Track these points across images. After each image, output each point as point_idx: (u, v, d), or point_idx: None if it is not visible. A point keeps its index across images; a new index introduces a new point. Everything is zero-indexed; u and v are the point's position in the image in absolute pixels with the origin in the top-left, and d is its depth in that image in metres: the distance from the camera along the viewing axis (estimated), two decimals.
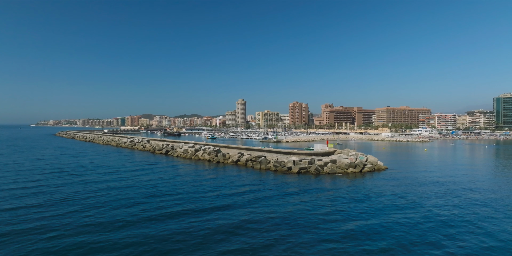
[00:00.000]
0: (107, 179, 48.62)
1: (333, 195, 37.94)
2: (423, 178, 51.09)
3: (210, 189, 40.83)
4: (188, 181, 46.56)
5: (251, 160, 65.29)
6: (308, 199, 35.65)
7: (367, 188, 42.39)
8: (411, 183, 46.65)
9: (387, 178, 50.63)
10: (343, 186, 43.37)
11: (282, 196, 37.08)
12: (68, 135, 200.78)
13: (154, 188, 41.09)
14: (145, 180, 47.61)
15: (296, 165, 56.56)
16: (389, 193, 39.27)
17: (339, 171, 55.07)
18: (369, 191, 39.98)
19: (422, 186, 44.39)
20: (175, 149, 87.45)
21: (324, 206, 32.82)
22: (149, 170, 57.66)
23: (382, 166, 60.58)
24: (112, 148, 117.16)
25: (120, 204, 33.43)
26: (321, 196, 37.20)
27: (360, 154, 64.53)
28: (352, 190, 40.58)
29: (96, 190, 40.21)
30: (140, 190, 39.83)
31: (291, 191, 39.76)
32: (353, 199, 35.94)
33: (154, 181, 46.58)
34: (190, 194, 38.06)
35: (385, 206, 32.82)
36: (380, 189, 41.79)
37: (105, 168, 60.21)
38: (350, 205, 33.00)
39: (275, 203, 34.00)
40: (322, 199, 35.71)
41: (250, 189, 41.12)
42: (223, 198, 36.27)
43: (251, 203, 33.63)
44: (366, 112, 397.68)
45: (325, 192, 39.64)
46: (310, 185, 44.07)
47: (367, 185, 44.59)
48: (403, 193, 38.98)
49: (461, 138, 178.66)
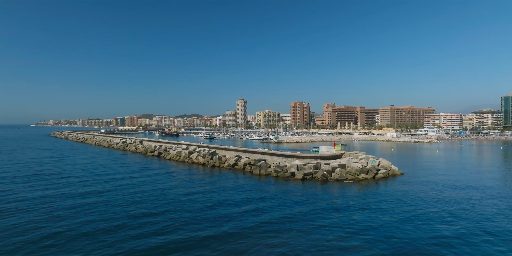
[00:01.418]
0: (81, 191, 40.06)
1: (348, 211, 31.18)
2: (448, 185, 44.37)
3: (201, 206, 33.25)
4: (177, 193, 38.52)
5: (249, 164, 58.61)
6: (317, 217, 28.90)
7: (387, 199, 35.59)
8: (436, 191, 39.93)
9: (406, 186, 43.83)
10: (358, 198, 36.57)
11: (285, 216, 30.27)
12: (62, 136, 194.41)
13: (135, 205, 32.69)
14: (127, 192, 39.08)
15: (300, 170, 49.85)
16: (418, 207, 32.45)
17: (350, 178, 48.31)
18: (391, 204, 33.20)
19: (451, 194, 37.79)
20: (168, 151, 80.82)
21: (338, 227, 26.07)
22: (134, 179, 48.78)
23: (397, 171, 53.80)
24: (103, 149, 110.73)
25: (78, 233, 25.69)
26: (333, 213, 30.45)
27: (371, 157, 57.77)
28: (370, 203, 33.78)
29: (60, 208, 32.07)
30: (116, 208, 31.54)
31: (296, 208, 32.52)
32: (373, 216, 29.19)
33: (137, 194, 38.35)
34: (178, 213, 30.38)
35: (422, 229, 25.99)
36: (404, 200, 35.07)
37: (86, 175, 53.11)
38: (371, 223, 26.28)
39: (277, 229, 26.71)
40: (335, 219, 28.92)
41: (246, 203, 34.31)
42: (216, 222, 28.99)
43: (248, 229, 26.34)
44: (369, 111, 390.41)
45: (336, 205, 32.89)
46: (317, 196, 37.29)
47: (386, 195, 37.76)
48: (435, 206, 32.22)
49: (470, 138, 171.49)
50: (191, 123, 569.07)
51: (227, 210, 30.15)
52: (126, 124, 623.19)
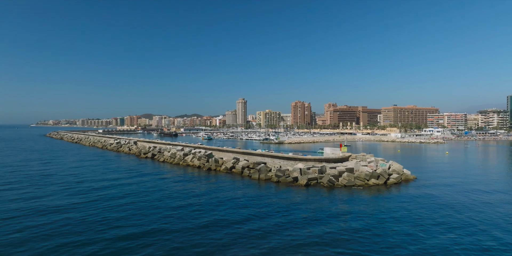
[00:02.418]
0: (57, 203, 33.76)
1: (361, 223, 26.46)
2: (469, 189, 39.76)
3: (191, 225, 28.27)
4: (165, 206, 33.03)
5: (248, 167, 53.92)
6: (332, 240, 24.19)
7: (407, 208, 30.86)
8: (459, 198, 35.34)
9: (422, 192, 39.09)
10: (371, 206, 31.82)
11: (293, 240, 25.56)
12: (58, 136, 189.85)
13: (113, 223, 27.35)
14: (107, 206, 33.08)
15: (304, 175, 45.14)
16: (445, 217, 27.79)
17: (359, 183, 43.58)
18: (411, 215, 28.48)
19: (477, 200, 33.10)
20: (162, 153, 76.15)
21: (350, 249, 21.37)
22: (119, 188, 42.30)
23: (410, 175, 49.05)
24: (97, 150, 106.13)
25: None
26: (352, 234, 25.70)
27: (381, 160, 52.98)
28: (385, 214, 29.04)
29: (22, 228, 27.08)
30: (91, 227, 26.31)
31: (303, 230, 27.43)
32: (395, 230, 24.46)
33: (119, 207, 33.15)
34: (161, 236, 25.55)
35: (459, 243, 21.29)
36: (426, 209, 30.43)
37: (68, 181, 48.07)
38: (394, 240, 21.54)
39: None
40: (355, 244, 24.19)
41: (245, 223, 29.49)
42: (210, 247, 24.69)
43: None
44: (371, 111, 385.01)
45: (346, 217, 28.15)
46: (324, 206, 32.54)
47: (404, 204, 32.97)
48: (466, 215, 27.49)
49: (477, 139, 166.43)
50: (190, 123, 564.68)
51: (221, 232, 24.98)
52: (125, 124, 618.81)
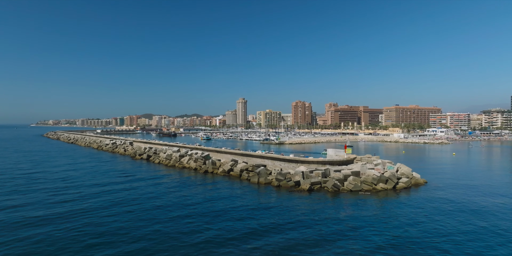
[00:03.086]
0: (37, 214, 30.21)
1: (383, 239, 23.30)
2: (487, 193, 36.49)
3: (183, 243, 25.43)
4: (156, 219, 29.85)
5: (247, 170, 50.82)
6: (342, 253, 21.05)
7: (422, 216, 27.65)
8: (480, 204, 32.15)
9: (436, 198, 35.96)
10: (389, 216, 28.64)
11: None
12: (55, 136, 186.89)
13: (92, 239, 23.74)
14: (90, 218, 29.08)
15: (306, 179, 42.02)
16: (472, 228, 24.59)
17: (366, 188, 40.43)
18: (438, 225, 25.29)
19: (497, 206, 29.94)
20: (158, 154, 73.07)
21: None
22: (108, 196, 37.91)
23: (420, 179, 45.85)
24: (92, 151, 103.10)
25: None
26: (364, 245, 22.56)
27: (388, 163, 49.88)
28: (411, 226, 25.84)
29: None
30: (67, 244, 22.79)
31: (312, 234, 24.69)
32: (428, 246, 21.30)
33: (102, 220, 29.26)
34: (151, 249, 22.81)
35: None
36: (446, 216, 27.21)
37: (55, 187, 44.68)
38: None
39: None
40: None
41: (246, 241, 26.42)
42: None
43: None
44: (373, 111, 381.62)
45: (362, 231, 24.99)
46: (333, 216, 29.38)
47: (418, 211, 29.80)
48: (491, 223, 24.31)
49: (482, 139, 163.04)
50: (190, 123, 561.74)
51: (216, 252, 21.68)
52: (125, 124, 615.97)
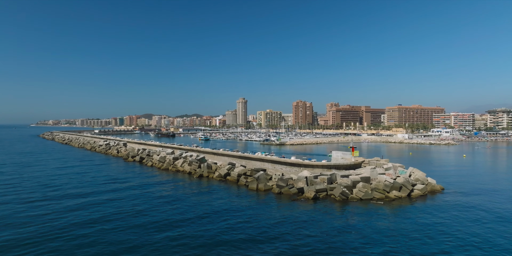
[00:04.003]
0: (5, 234, 26.91)
1: None
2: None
3: (171, 253, 21.48)
4: (141, 237, 26.08)
5: (245, 174, 46.56)
6: None
7: (462, 232, 23.25)
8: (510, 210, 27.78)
9: (458, 208, 31.59)
10: (412, 231, 24.25)
11: None
12: (50, 136, 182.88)
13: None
14: (68, 238, 24.95)
15: (311, 186, 37.72)
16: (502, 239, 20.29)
17: (377, 196, 36.08)
18: (475, 241, 20.92)
19: None
20: (151, 156, 68.83)
21: None
22: (91, 208, 32.70)
23: (436, 185, 41.48)
24: (85, 152, 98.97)
25: None
26: None
27: (399, 167, 45.56)
28: (430, 244, 21.46)
29: None
30: None
31: None
32: None
33: (78, 243, 25.08)
34: None
35: None
36: (490, 233, 22.80)
37: (35, 196, 40.71)
38: None
39: None
40: None
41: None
42: None
43: None
44: (375, 111, 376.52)
45: (383, 251, 20.66)
46: (341, 229, 25.01)
47: (445, 224, 25.39)
48: None
49: (489, 140, 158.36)
50: (190, 123, 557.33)
51: None
52: (125, 124, 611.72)
